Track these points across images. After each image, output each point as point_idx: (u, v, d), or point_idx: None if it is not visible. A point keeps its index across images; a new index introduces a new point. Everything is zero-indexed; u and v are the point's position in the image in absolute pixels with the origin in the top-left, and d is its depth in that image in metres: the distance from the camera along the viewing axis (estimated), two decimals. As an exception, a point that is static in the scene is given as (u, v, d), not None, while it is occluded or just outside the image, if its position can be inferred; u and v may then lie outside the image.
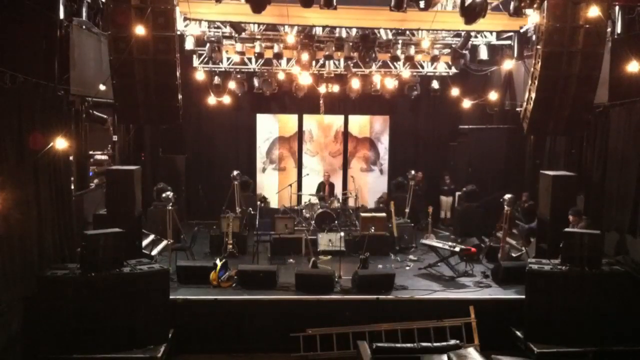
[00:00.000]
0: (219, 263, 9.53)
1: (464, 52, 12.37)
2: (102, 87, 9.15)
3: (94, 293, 7.47)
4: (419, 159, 15.92)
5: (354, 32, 11.74)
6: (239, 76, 15.04)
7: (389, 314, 8.82)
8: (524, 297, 8.51)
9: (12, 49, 7.09)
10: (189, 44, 11.90)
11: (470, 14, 8.23)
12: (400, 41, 12.22)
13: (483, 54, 12.24)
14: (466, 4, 8.16)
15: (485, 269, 10.54)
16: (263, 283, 9.34)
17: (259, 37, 12.25)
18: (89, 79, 9.36)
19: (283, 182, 15.66)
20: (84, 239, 7.69)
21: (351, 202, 14.37)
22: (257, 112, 16.07)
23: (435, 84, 15.20)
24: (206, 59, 13.49)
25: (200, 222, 13.00)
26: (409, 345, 7.43)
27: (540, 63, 8.50)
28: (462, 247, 10.45)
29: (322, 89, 14.78)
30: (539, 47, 8.52)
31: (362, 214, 12.39)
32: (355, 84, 14.31)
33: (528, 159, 13.43)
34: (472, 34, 11.44)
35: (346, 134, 16.31)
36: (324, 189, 14.40)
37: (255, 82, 15.09)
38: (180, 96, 8.43)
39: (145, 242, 10.62)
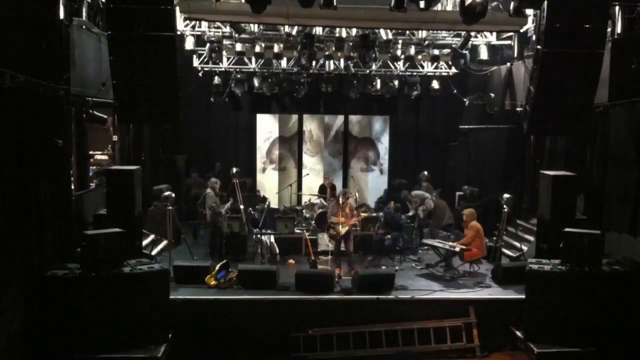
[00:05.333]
0: (217, 264, 9.53)
1: (464, 52, 12.37)
2: (102, 87, 9.14)
3: (94, 293, 7.46)
4: (419, 159, 15.91)
5: (354, 32, 11.73)
6: (239, 76, 15.05)
7: (389, 314, 8.83)
8: (524, 297, 8.50)
9: (12, 49, 7.07)
10: (189, 44, 11.90)
11: (471, 14, 8.23)
12: (400, 41, 12.22)
13: (483, 54, 12.24)
14: (466, 3, 8.16)
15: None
16: (263, 283, 9.34)
17: (259, 37, 12.25)
18: (89, 79, 9.35)
19: (283, 182, 15.67)
20: (84, 239, 7.67)
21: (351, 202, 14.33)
22: (257, 112, 16.08)
23: (435, 84, 15.20)
24: (206, 59, 13.48)
25: (201, 222, 12.99)
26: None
27: (540, 63, 8.50)
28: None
29: (322, 88, 14.79)
30: (539, 47, 8.51)
31: (362, 214, 12.38)
32: (355, 84, 14.30)
33: (528, 159, 13.42)
34: (472, 34, 11.44)
35: (346, 134, 16.31)
36: (325, 191, 14.36)
37: (255, 82, 15.10)
38: (180, 96, 8.43)
39: (145, 242, 10.62)
